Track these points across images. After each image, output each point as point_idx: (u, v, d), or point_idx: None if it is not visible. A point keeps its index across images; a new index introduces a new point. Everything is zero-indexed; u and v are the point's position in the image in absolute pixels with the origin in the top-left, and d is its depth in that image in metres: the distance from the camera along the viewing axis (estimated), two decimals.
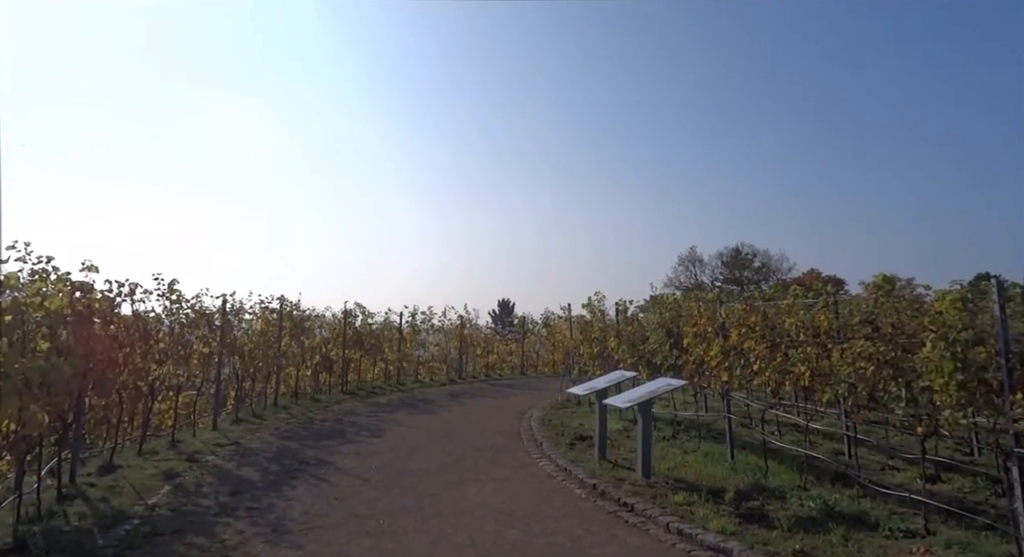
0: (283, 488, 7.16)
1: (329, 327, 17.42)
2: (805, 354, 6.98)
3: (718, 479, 7.12)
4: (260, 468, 8.14)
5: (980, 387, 4.89)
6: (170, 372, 9.61)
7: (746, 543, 5.09)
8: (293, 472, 7.91)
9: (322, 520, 6.00)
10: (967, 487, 6.71)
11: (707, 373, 8.84)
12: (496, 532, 5.66)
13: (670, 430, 10.36)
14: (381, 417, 12.55)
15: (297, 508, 6.38)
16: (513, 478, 7.71)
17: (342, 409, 13.52)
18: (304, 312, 15.50)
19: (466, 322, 22.73)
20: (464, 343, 22.48)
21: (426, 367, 21.85)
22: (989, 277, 5.25)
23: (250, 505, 6.49)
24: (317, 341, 16.22)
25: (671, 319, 10.68)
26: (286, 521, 5.96)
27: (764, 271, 59.56)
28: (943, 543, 4.96)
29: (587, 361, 14.53)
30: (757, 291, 12.10)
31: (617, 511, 6.29)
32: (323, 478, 7.62)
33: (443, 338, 22.41)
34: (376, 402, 14.81)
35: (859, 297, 8.49)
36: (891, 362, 5.85)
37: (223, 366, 11.64)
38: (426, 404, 14.69)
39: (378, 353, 18.86)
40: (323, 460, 8.57)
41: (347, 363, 17.27)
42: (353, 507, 6.43)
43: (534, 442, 9.95)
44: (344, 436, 10.38)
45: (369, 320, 18.39)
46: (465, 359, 23.03)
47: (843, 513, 5.75)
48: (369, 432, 10.78)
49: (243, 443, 9.67)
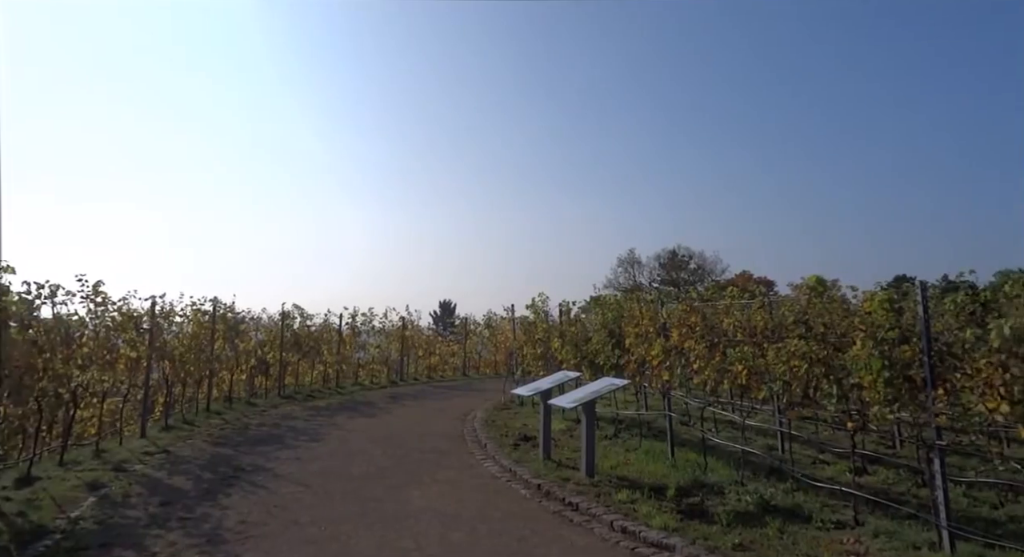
0: (218, 496, 6.87)
1: (265, 329, 16.89)
2: (742, 353, 7.19)
3: (659, 476, 7.25)
4: (193, 476, 7.79)
5: (905, 384, 5.15)
6: (94, 378, 9.09)
7: (688, 538, 5.20)
8: (228, 480, 7.61)
9: (260, 529, 5.78)
10: (892, 479, 7.06)
11: (648, 372, 9.01)
12: (441, 535, 5.60)
13: (612, 429, 10.51)
14: (320, 421, 12.24)
15: (233, 517, 6.13)
16: (458, 480, 7.65)
17: (279, 413, 13.12)
18: (239, 314, 14.97)
19: (407, 323, 22.47)
20: (405, 345, 22.20)
21: (366, 369, 21.46)
22: (907, 279, 5.54)
23: (183, 515, 6.20)
24: (253, 344, 15.69)
25: (613, 320, 10.82)
26: (222, 531, 5.72)
27: (700, 273, 61.27)
28: (871, 533, 5.20)
29: (531, 362, 14.57)
30: (694, 292, 12.43)
31: (562, 510, 6.32)
32: (261, 485, 7.36)
33: (384, 340, 22.06)
34: (315, 406, 14.44)
35: (793, 298, 8.83)
36: (823, 360, 6.10)
37: (152, 371, 11.09)
38: (367, 407, 14.43)
39: (317, 356, 18.41)
40: (260, 466, 8.28)
41: (284, 366, 16.79)
42: (293, 514, 6.23)
43: (478, 443, 9.91)
44: (282, 441, 10.06)
45: (308, 322, 17.92)
46: (406, 361, 22.75)
47: (778, 506, 5.95)
48: (308, 436, 10.49)
49: (174, 451, 9.25)
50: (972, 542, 4.78)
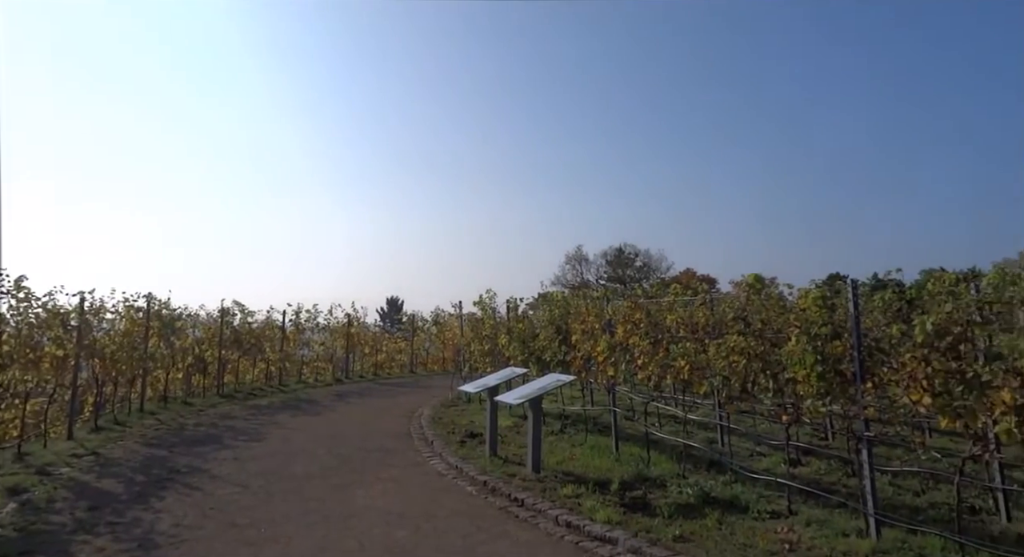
0: (150, 500, 6.60)
1: (204, 326, 16.34)
2: (684, 349, 7.36)
3: (604, 471, 7.35)
4: (124, 479, 7.47)
5: (836, 378, 5.36)
6: (15, 378, 8.60)
7: (630, 531, 5.29)
8: (162, 482, 7.32)
9: (195, 532, 5.59)
10: (824, 469, 7.35)
11: (594, 368, 9.11)
12: (385, 534, 5.53)
13: (559, 424, 10.59)
14: (261, 420, 11.91)
15: (167, 520, 5.91)
16: (403, 478, 7.57)
17: (218, 413, 12.71)
18: (175, 311, 14.42)
19: (353, 320, 22.11)
20: (351, 342, 21.84)
21: (310, 367, 21.02)
22: (840, 277, 5.77)
23: (112, 520, 5.93)
24: (190, 341, 15.15)
25: (560, 316, 10.91)
26: (154, 535, 5.50)
27: (645, 270, 62.47)
28: (803, 522, 5.39)
29: (478, 358, 14.55)
30: (639, 289, 12.64)
31: (508, 507, 6.33)
32: (196, 487, 7.11)
33: (329, 337, 21.65)
34: (256, 404, 14.05)
35: (733, 295, 9.08)
36: (760, 356, 6.29)
37: (80, 370, 10.58)
38: (310, 405, 14.13)
39: (258, 353, 17.92)
40: (197, 468, 8.00)
41: (224, 364, 16.28)
42: (231, 516, 6.04)
43: (424, 441, 9.83)
44: (220, 441, 9.75)
45: (249, 319, 17.44)
46: (352, 358, 22.39)
47: (717, 498, 6.11)
48: (248, 436, 10.20)
49: (104, 453, 8.84)
50: (896, 528, 5.02)
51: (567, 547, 5.22)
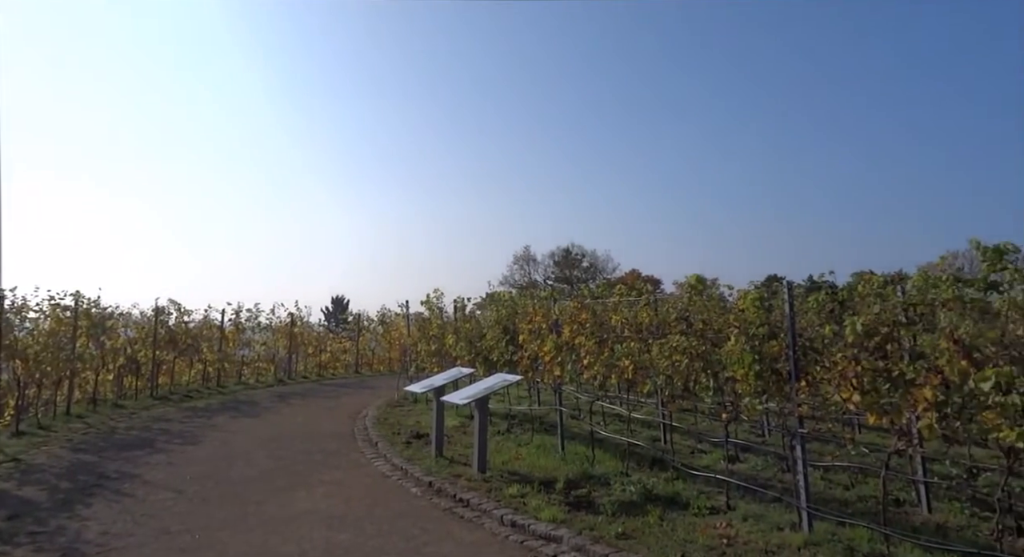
0: (76, 507, 6.29)
1: (137, 326, 15.68)
2: (629, 349, 7.47)
3: (550, 470, 7.40)
4: (47, 486, 7.09)
5: (773, 376, 5.54)
6: None
7: (575, 529, 5.34)
8: (90, 488, 6.98)
9: (125, 540, 5.35)
10: (760, 465, 7.59)
11: (541, 368, 9.16)
12: (326, 538, 5.41)
13: (505, 424, 10.61)
14: (198, 422, 11.51)
15: (94, 528, 5.63)
16: (346, 480, 7.44)
17: (151, 415, 12.20)
18: (105, 310, 13.78)
19: (296, 320, 21.61)
20: (294, 342, 21.34)
21: (251, 368, 20.42)
22: (778, 279, 5.97)
23: (33, 529, 5.62)
24: (122, 341, 14.49)
25: (507, 316, 10.93)
26: (80, 544, 5.24)
27: (592, 270, 63.27)
28: (741, 517, 5.56)
29: (425, 359, 14.43)
30: (586, 289, 12.79)
31: (453, 507, 6.30)
32: (127, 493, 6.82)
33: (271, 337, 21.10)
34: (193, 406, 13.56)
35: (676, 296, 9.27)
36: (702, 355, 6.44)
37: (0, 371, 9.99)
38: (250, 407, 13.73)
39: (195, 354, 17.30)
40: (127, 473, 7.66)
41: (158, 365, 15.66)
42: (163, 522, 5.81)
43: (369, 442, 9.69)
44: (153, 445, 9.37)
45: (185, 318, 16.83)
46: (295, 358, 21.88)
47: (659, 495, 6.23)
48: (184, 439, 9.83)
49: (25, 459, 8.37)
50: (827, 521, 5.22)
51: (512, 547, 5.23)
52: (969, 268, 29.09)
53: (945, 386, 4.06)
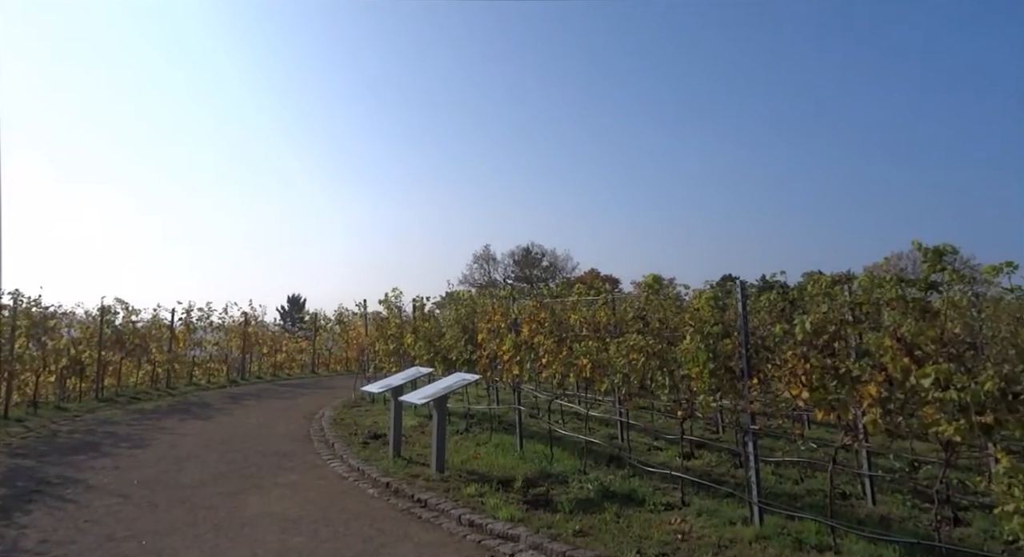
0: (14, 514, 6.01)
1: (81, 326, 15.11)
2: (587, 347, 7.52)
3: (508, 469, 7.40)
4: None
5: (727, 374, 5.66)
6: None
7: (532, 528, 5.35)
8: (28, 495, 6.69)
9: (66, 548, 5.14)
10: (715, 461, 7.74)
11: (500, 367, 9.16)
12: (280, 541, 5.31)
13: (464, 424, 10.58)
14: (146, 425, 11.14)
15: (33, 536, 5.40)
16: (301, 483, 7.30)
17: (96, 418, 11.76)
18: (47, 309, 13.23)
19: (251, 319, 21.13)
20: (248, 341, 20.87)
21: (203, 368, 19.87)
22: (732, 278, 6.10)
23: None
24: (64, 342, 13.93)
25: (467, 315, 10.90)
26: (17, 553, 5.01)
27: (551, 270, 63.62)
28: (695, 512, 5.66)
29: (383, 358, 14.28)
30: (545, 289, 12.83)
31: (411, 508, 6.25)
32: (69, 499, 6.55)
33: (224, 336, 20.58)
34: (140, 409, 13.12)
35: (633, 295, 9.38)
36: (658, 354, 6.54)
37: None
38: (202, 408, 13.36)
39: (144, 354, 16.75)
40: (70, 478, 7.37)
41: (104, 366, 15.11)
42: (108, 529, 5.60)
43: (325, 443, 9.54)
44: (98, 449, 9.03)
45: (133, 318, 16.28)
46: (249, 358, 21.41)
47: (616, 492, 6.30)
48: (131, 443, 9.51)
49: None
50: (777, 515, 5.36)
51: (469, 546, 5.21)
52: (912, 269, 30.25)
53: (889, 383, 4.21)
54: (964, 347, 4.13)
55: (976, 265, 5.04)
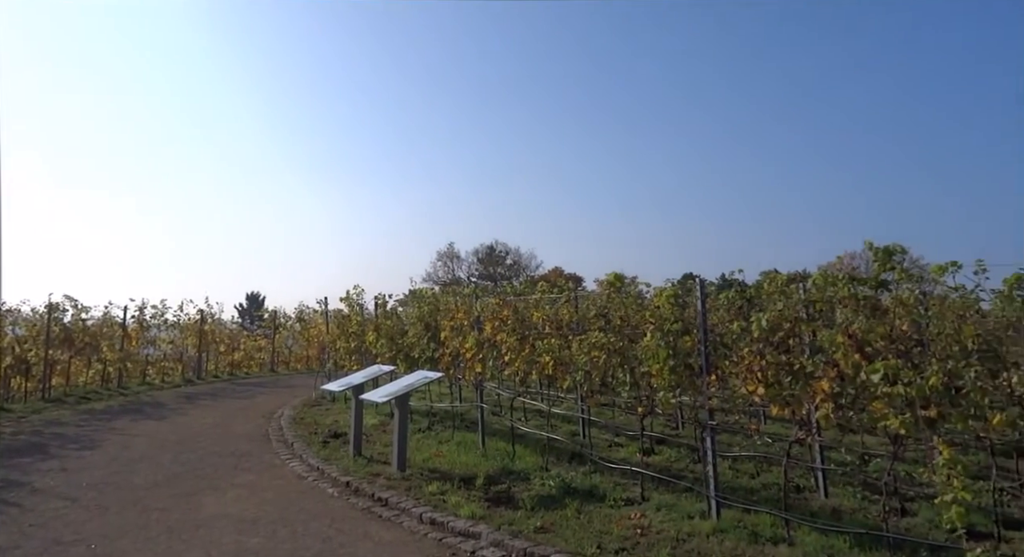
0: None
1: (27, 324, 14.55)
2: (550, 345, 7.56)
3: (470, 466, 7.39)
4: None
5: (686, 371, 5.74)
6: None
7: (494, 525, 5.35)
8: None
9: (9, 553, 4.94)
10: (674, 457, 7.86)
11: (463, 365, 9.14)
12: (237, 542, 5.20)
13: (426, 422, 10.53)
14: (96, 426, 10.79)
15: None
16: (258, 483, 7.16)
17: (43, 419, 11.34)
18: None
19: (207, 316, 20.65)
20: (204, 340, 20.38)
21: (156, 367, 19.33)
22: (693, 276, 6.20)
23: None
24: (8, 340, 13.40)
25: (429, 313, 10.84)
26: None
27: (515, 268, 63.73)
28: (655, 507, 5.73)
29: (344, 356, 14.12)
30: (509, 286, 12.86)
31: (371, 507, 6.19)
32: (13, 502, 6.30)
33: (179, 334, 20.07)
34: (91, 409, 12.70)
35: (595, 293, 9.47)
36: (619, 351, 6.60)
37: None
38: (156, 408, 13.00)
39: (95, 353, 16.23)
40: (14, 481, 7.09)
41: (51, 365, 14.58)
42: (55, 533, 5.41)
43: (284, 443, 9.38)
44: (45, 451, 8.71)
45: (83, 315, 15.75)
46: (206, 357, 20.92)
47: (578, 489, 6.34)
48: (80, 444, 9.20)
49: None
50: (734, 509, 5.47)
51: (430, 544, 5.19)
52: (864, 268, 31.18)
53: (840, 378, 4.33)
54: (912, 344, 4.27)
55: (924, 265, 5.22)
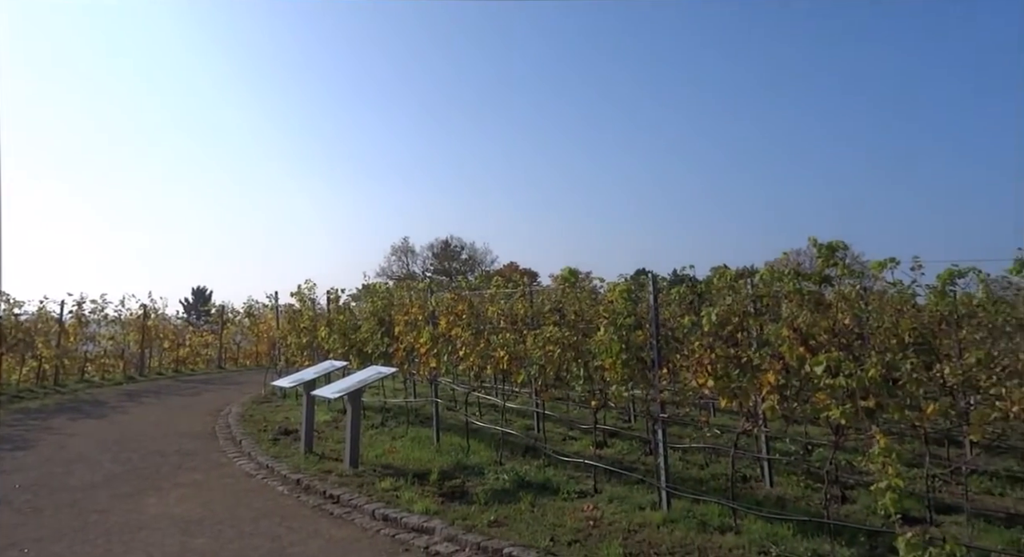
0: None
1: None
2: (504, 340, 7.57)
3: (424, 462, 7.35)
4: None
5: (638, 364, 5.83)
6: None
7: (447, 520, 5.34)
8: None
9: None
10: (626, 449, 7.98)
11: (417, 360, 9.07)
12: (181, 544, 5.04)
13: (379, 418, 10.42)
14: (30, 425, 10.30)
15: None
16: (204, 482, 6.96)
17: None
18: None
19: (150, 311, 19.94)
20: (147, 335, 19.67)
21: (96, 364, 18.55)
22: (645, 272, 6.29)
23: None
24: None
25: (383, 308, 10.72)
26: None
27: (471, 263, 63.58)
28: (607, 499, 5.81)
29: (295, 352, 13.84)
30: (464, 281, 12.82)
31: (322, 504, 6.09)
32: None
33: (120, 330, 19.31)
34: (24, 408, 12.11)
35: (550, 288, 9.52)
36: (573, 345, 6.66)
37: None
38: (95, 407, 12.49)
39: (28, 350, 15.49)
40: None
41: None
42: None
43: (232, 440, 9.14)
44: None
45: (16, 310, 15.01)
46: (149, 354, 20.21)
47: (532, 482, 6.38)
48: (12, 444, 8.76)
49: None
50: (684, 499, 5.59)
51: (383, 541, 5.14)
52: (809, 264, 32.21)
53: (786, 371, 4.47)
54: (853, 337, 4.44)
55: (865, 261, 5.43)
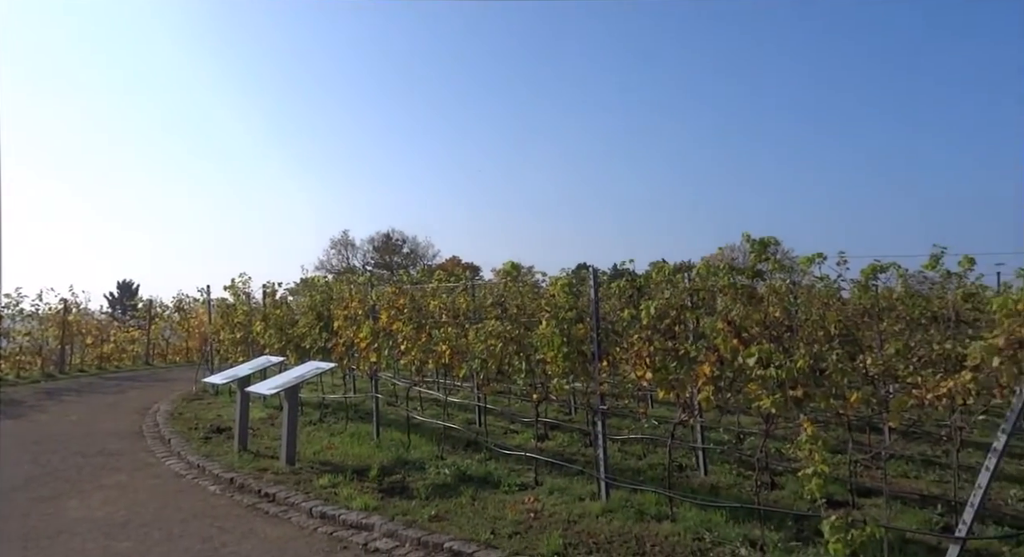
0: None
1: None
2: (446, 334, 7.52)
3: (364, 458, 7.24)
4: None
5: (579, 358, 5.90)
6: None
7: (387, 516, 5.28)
8: None
9: None
10: (567, 442, 8.08)
11: (357, 355, 8.91)
12: (104, 548, 4.81)
13: (318, 414, 10.22)
14: None
15: None
16: (130, 483, 6.66)
17: None
18: None
19: (71, 306, 18.89)
20: (68, 331, 18.63)
21: (11, 362, 17.46)
22: (587, 266, 6.37)
23: None
24: None
25: (322, 302, 10.48)
26: None
27: (412, 256, 63.02)
28: (548, 491, 5.87)
29: (229, 347, 13.37)
30: (406, 275, 12.68)
31: (257, 503, 5.92)
32: None
33: (38, 326, 18.22)
34: None
35: (492, 282, 9.51)
36: (515, 339, 6.68)
37: None
38: (11, 406, 11.76)
39: None
40: None
41: None
42: None
43: (160, 440, 8.77)
44: None
45: None
46: (70, 350, 19.16)
47: (473, 476, 6.38)
48: None
49: None
50: (623, 489, 5.70)
51: (321, 538, 5.04)
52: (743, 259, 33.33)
53: (720, 362, 4.60)
54: (783, 329, 4.61)
55: (795, 256, 5.65)
